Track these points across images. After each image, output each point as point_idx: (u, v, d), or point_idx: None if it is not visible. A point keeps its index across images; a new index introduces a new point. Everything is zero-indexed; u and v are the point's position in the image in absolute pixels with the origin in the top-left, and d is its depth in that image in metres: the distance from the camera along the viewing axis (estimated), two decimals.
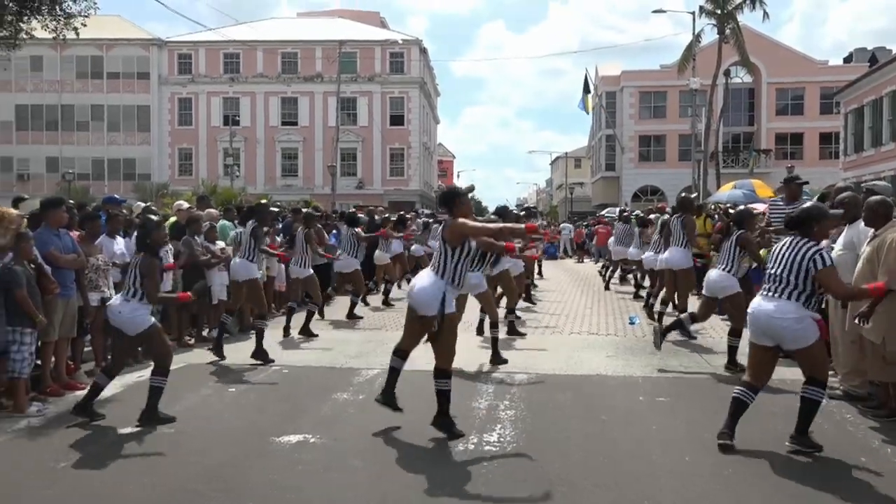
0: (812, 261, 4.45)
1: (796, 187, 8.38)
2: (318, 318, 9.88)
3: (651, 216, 13.20)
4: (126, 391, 6.16)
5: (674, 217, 9.14)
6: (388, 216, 15.03)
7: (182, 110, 44.05)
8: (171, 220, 9.29)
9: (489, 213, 11.14)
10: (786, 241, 4.68)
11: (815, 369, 4.59)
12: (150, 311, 5.52)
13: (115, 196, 8.95)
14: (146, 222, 5.86)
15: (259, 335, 7.59)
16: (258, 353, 7.48)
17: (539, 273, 16.96)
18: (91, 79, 43.63)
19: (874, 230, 5.46)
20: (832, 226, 4.89)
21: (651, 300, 10.61)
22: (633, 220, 13.98)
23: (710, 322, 8.69)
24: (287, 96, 43.76)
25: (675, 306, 9.00)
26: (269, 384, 6.65)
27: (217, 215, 10.51)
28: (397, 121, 44.11)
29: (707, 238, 11.61)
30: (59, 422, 5.35)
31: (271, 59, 43.32)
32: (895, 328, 5.10)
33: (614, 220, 19.43)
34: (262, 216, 8.16)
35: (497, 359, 7.29)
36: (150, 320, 5.43)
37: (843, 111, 31.41)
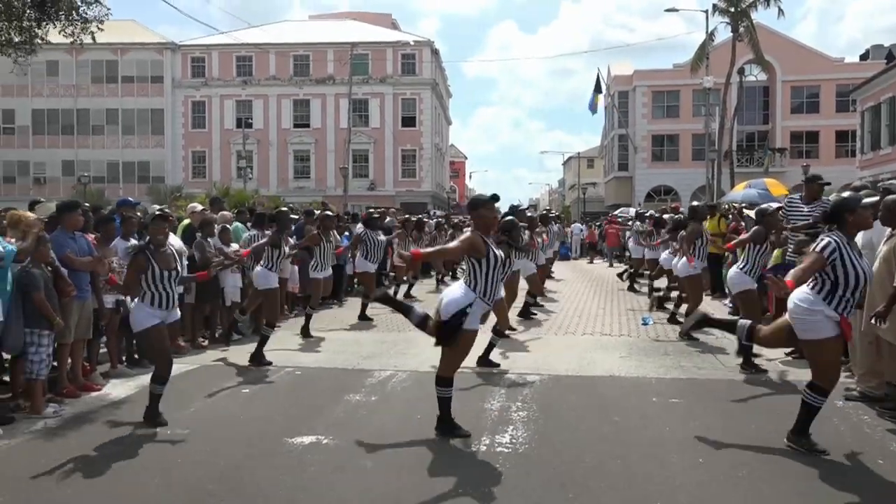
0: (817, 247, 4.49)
1: (818, 187, 7.92)
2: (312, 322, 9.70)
3: (664, 216, 13.27)
4: (140, 392, 6.18)
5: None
6: (408, 217, 15.06)
7: (195, 113, 44.41)
8: (184, 222, 9.37)
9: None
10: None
11: (818, 372, 4.55)
12: (154, 314, 5.29)
13: (128, 199, 8.98)
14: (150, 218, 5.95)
15: (262, 341, 7.59)
16: (255, 357, 7.46)
17: (550, 275, 16.95)
18: (106, 83, 44.12)
19: (891, 229, 5.40)
20: (868, 215, 4.74)
21: (655, 294, 11.24)
22: (645, 222, 14.16)
23: None
24: (299, 98, 43.96)
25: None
26: (282, 385, 6.67)
27: (230, 217, 10.57)
28: (409, 122, 44.16)
29: (722, 237, 11.60)
30: (75, 423, 5.41)
31: (283, 61, 43.55)
32: None
33: (628, 221, 19.39)
34: (284, 224, 8.15)
35: (486, 361, 7.17)
36: (146, 322, 5.27)
37: (860, 109, 31.08)
